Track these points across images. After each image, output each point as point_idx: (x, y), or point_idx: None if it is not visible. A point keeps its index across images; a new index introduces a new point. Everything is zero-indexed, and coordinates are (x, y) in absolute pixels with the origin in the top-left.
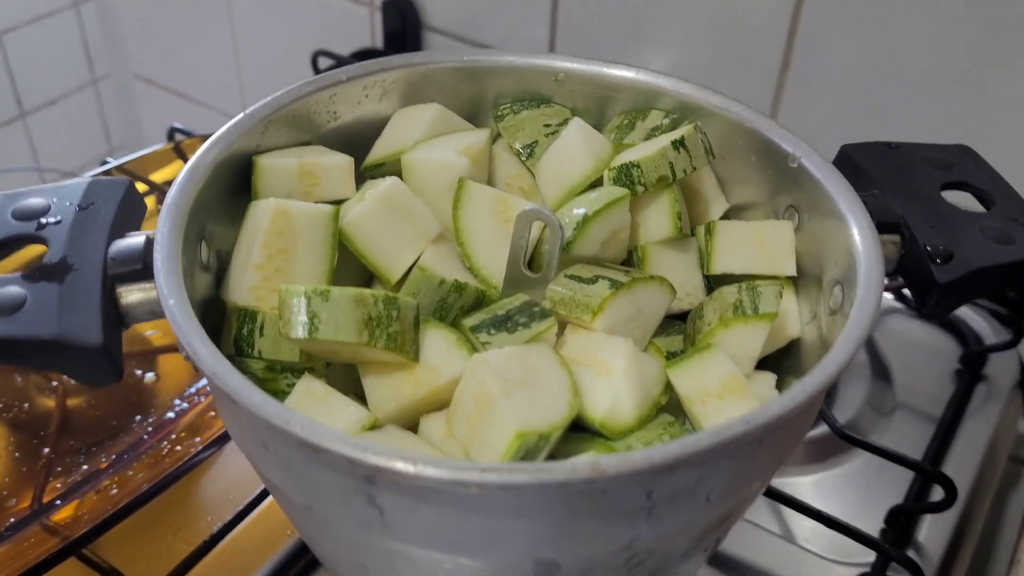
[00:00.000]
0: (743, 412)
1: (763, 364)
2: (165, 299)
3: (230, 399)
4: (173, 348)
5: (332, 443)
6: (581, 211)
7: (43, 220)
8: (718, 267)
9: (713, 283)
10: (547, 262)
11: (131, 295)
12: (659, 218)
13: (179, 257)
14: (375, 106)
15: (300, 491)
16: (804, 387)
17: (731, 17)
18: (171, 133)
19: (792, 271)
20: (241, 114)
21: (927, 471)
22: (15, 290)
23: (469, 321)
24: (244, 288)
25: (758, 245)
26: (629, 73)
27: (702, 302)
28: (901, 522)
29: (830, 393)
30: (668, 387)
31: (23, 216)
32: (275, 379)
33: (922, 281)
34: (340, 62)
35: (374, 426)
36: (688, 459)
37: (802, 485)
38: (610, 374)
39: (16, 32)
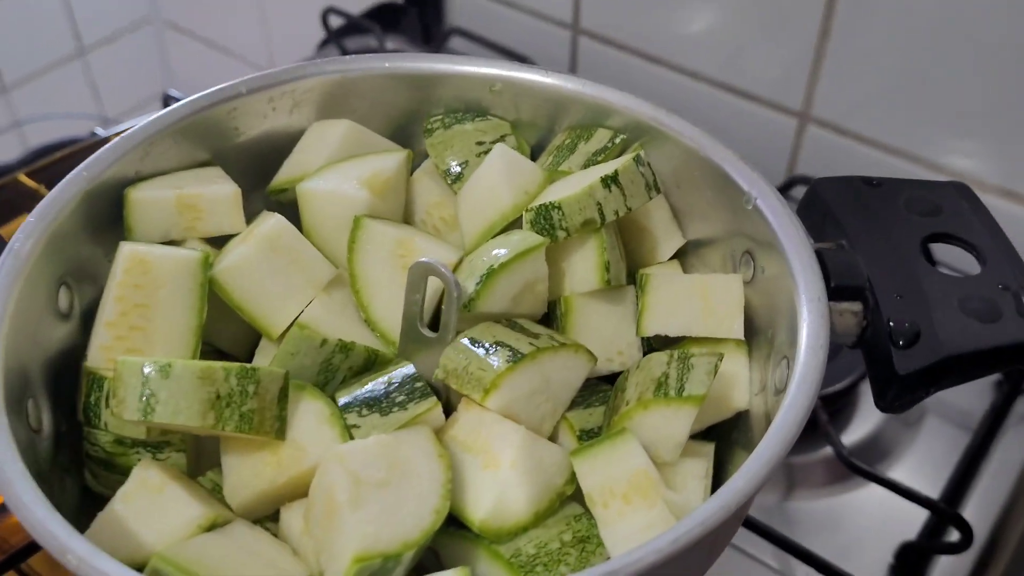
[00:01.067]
0: (647, 522)
1: (711, 431)
2: None
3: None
4: None
5: None
6: (487, 261)
7: None
8: (650, 328)
9: (652, 343)
10: (444, 323)
11: None
12: (584, 267)
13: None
14: (285, 119)
15: None
16: (697, 519)
17: None
18: (165, 99)
19: (739, 335)
20: (117, 139)
21: (942, 511)
22: None
23: (341, 395)
24: (95, 348)
25: (702, 302)
26: (573, 85)
27: (629, 369)
28: (912, 561)
29: (844, 410)
30: (573, 476)
31: None
32: (126, 453)
33: (881, 366)
34: (349, 20)
35: (214, 525)
36: None
37: (805, 514)
38: (497, 466)
39: None
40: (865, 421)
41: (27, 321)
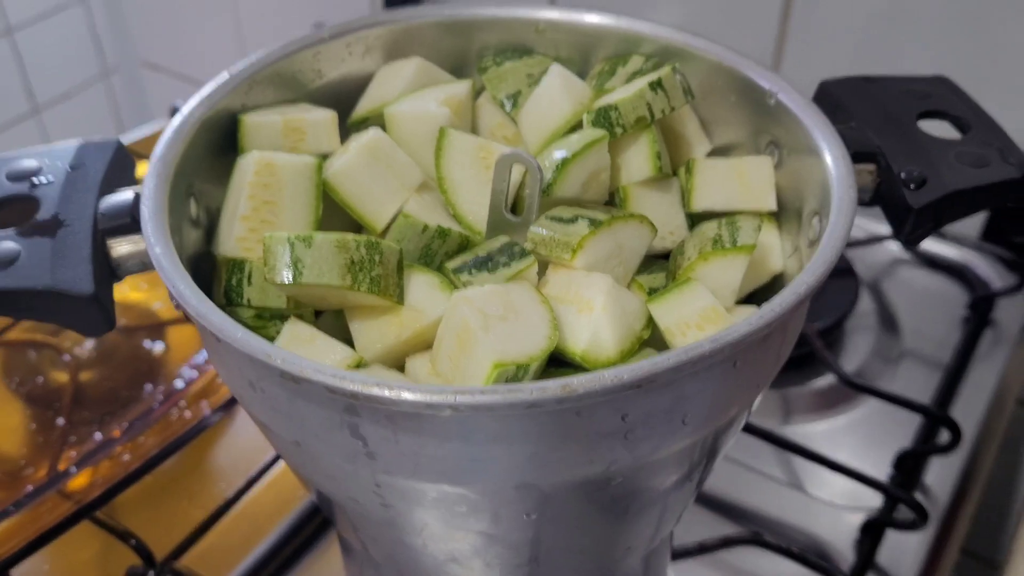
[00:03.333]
0: None
1: (750, 300)
2: (152, 247)
3: (215, 338)
4: (181, 320)
5: (311, 373)
6: (560, 154)
7: (35, 180)
8: (699, 204)
9: (695, 221)
10: (528, 205)
11: (121, 247)
12: (639, 159)
13: (165, 210)
14: (359, 63)
15: (288, 428)
16: (772, 306)
17: None
18: (173, 111)
19: (772, 205)
20: (225, 74)
21: (932, 413)
22: (9, 245)
23: (451, 263)
24: (232, 239)
25: (738, 181)
26: (609, 20)
27: (684, 239)
28: (909, 466)
29: (836, 343)
30: (650, 322)
31: (16, 177)
32: (265, 326)
33: (897, 207)
34: None
35: (359, 365)
36: (657, 377)
37: (811, 434)
38: (591, 310)
39: (27, 29)
40: (853, 357)
41: (175, 219)
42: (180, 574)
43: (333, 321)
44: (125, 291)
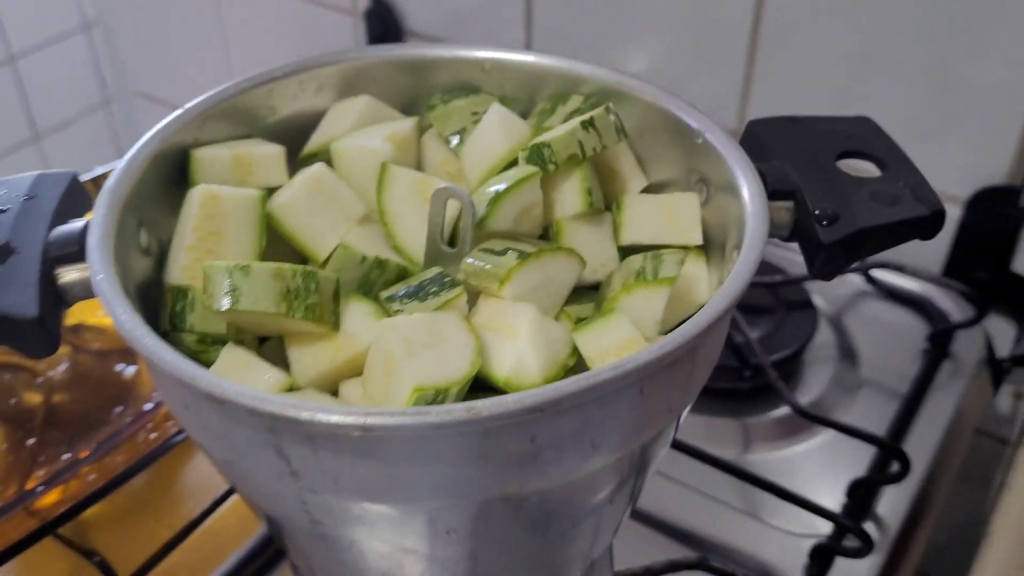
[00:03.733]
0: None
1: None
2: (95, 274)
3: (151, 361)
4: None
5: (233, 395)
6: (493, 189)
7: None
8: (627, 238)
9: (626, 255)
10: (462, 237)
11: (68, 275)
12: (571, 194)
13: (111, 239)
14: (312, 100)
15: (219, 448)
16: (674, 336)
17: (697, 14)
18: None
19: (698, 240)
20: (179, 110)
21: (883, 443)
22: None
23: (384, 293)
24: (178, 268)
25: (666, 216)
26: (550, 61)
27: (612, 272)
28: (861, 495)
29: (793, 374)
30: (575, 350)
31: None
32: (207, 351)
33: (811, 242)
34: None
35: (291, 388)
36: (560, 401)
37: (768, 462)
38: (516, 337)
39: (30, 57)
40: (810, 389)
41: (122, 248)
42: None
43: (276, 348)
44: (101, 316)
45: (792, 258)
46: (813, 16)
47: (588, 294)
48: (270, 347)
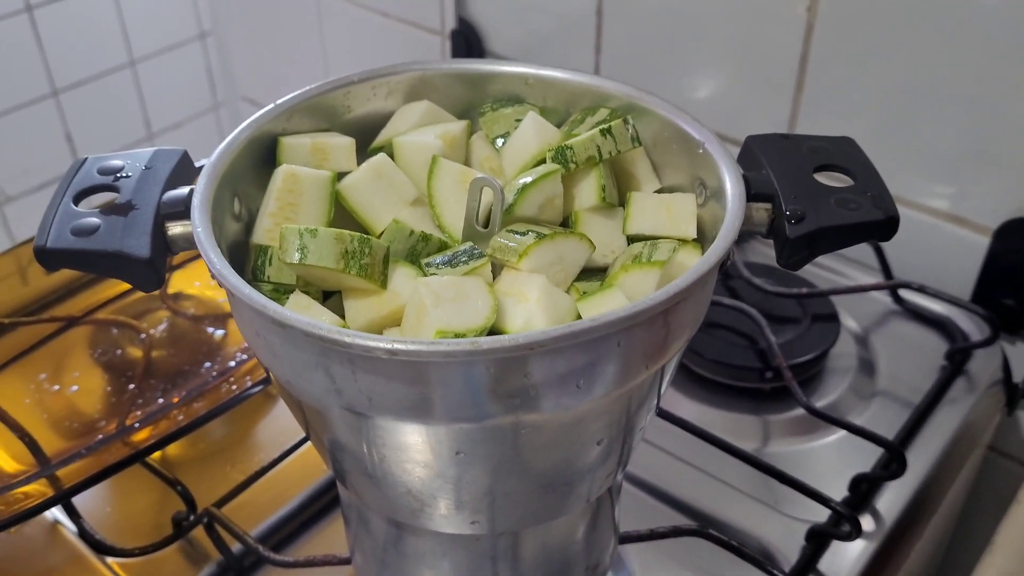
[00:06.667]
0: None
1: None
2: (195, 228)
3: (232, 294)
4: None
5: (293, 320)
6: (522, 181)
7: (118, 175)
8: (631, 229)
9: (631, 244)
10: (493, 220)
11: (175, 228)
12: (588, 190)
13: (210, 204)
14: (382, 103)
15: (282, 369)
16: (646, 300)
17: (751, 48)
18: None
19: (692, 234)
20: (271, 104)
21: (884, 442)
22: (93, 220)
23: (424, 260)
24: (261, 230)
25: (666, 213)
26: (582, 78)
27: (618, 257)
28: (863, 490)
29: (813, 379)
30: (579, 316)
31: (105, 172)
32: (279, 299)
33: (780, 237)
34: None
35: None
36: (546, 343)
37: (778, 454)
38: (527, 300)
39: (148, 62)
40: (828, 393)
41: (219, 212)
42: (218, 519)
43: (335, 306)
44: (202, 289)
45: (822, 274)
46: (859, 52)
47: (598, 275)
48: (331, 303)
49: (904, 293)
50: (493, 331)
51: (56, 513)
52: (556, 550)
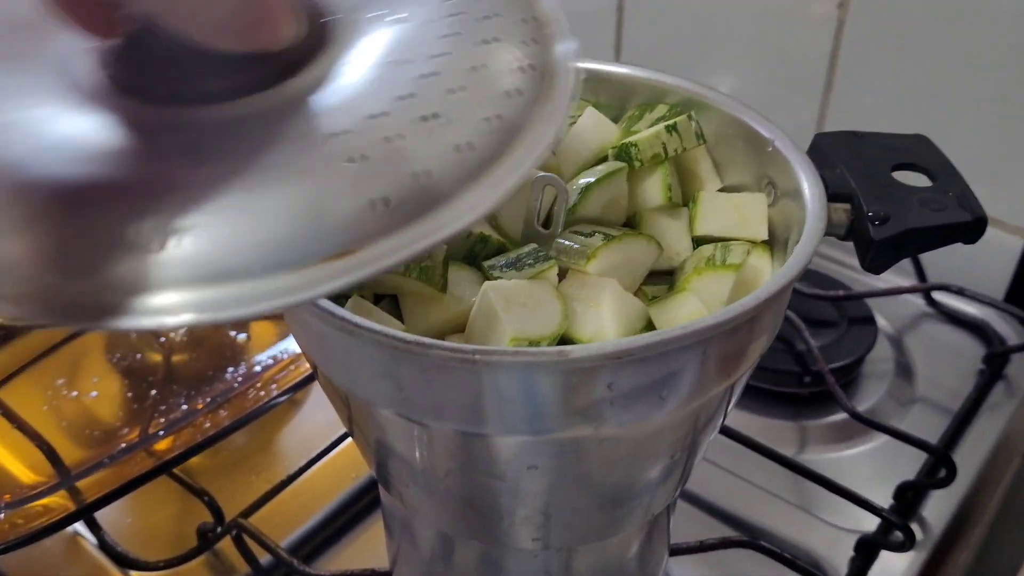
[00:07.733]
0: None
1: None
2: None
3: None
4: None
5: (364, 325)
6: (585, 180)
7: None
8: (700, 230)
9: (698, 245)
10: (555, 220)
11: None
12: (653, 189)
13: None
14: None
15: (343, 377)
16: (735, 307)
17: (779, 45)
18: None
19: (764, 235)
20: None
21: (931, 448)
22: None
23: (487, 263)
24: None
25: (736, 213)
26: (639, 73)
27: (686, 259)
28: (909, 498)
29: (851, 384)
30: (649, 322)
31: None
32: (338, 301)
33: (863, 240)
34: None
35: None
36: (634, 351)
37: (822, 462)
38: (598, 307)
39: None
40: (866, 399)
41: None
42: (246, 530)
43: (388, 310)
44: None
45: (857, 276)
46: (889, 51)
47: (664, 278)
48: (384, 307)
49: (938, 295)
50: (564, 339)
51: (76, 524)
52: (611, 565)
